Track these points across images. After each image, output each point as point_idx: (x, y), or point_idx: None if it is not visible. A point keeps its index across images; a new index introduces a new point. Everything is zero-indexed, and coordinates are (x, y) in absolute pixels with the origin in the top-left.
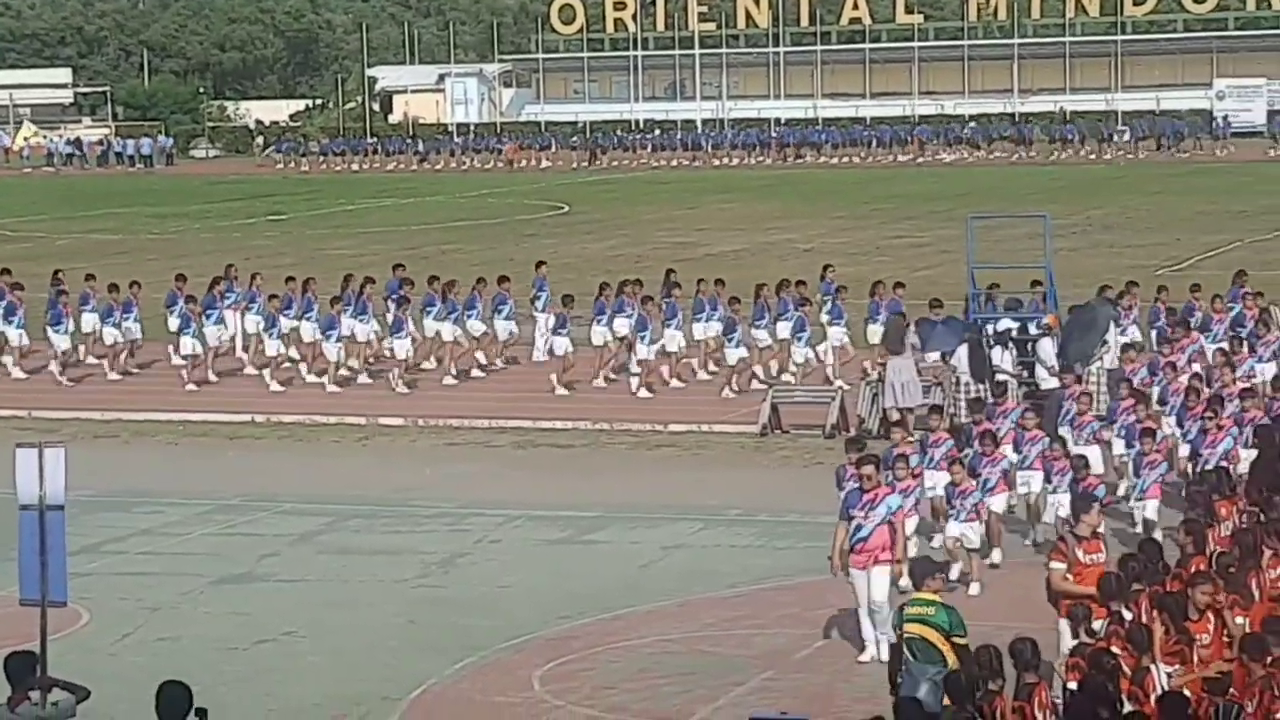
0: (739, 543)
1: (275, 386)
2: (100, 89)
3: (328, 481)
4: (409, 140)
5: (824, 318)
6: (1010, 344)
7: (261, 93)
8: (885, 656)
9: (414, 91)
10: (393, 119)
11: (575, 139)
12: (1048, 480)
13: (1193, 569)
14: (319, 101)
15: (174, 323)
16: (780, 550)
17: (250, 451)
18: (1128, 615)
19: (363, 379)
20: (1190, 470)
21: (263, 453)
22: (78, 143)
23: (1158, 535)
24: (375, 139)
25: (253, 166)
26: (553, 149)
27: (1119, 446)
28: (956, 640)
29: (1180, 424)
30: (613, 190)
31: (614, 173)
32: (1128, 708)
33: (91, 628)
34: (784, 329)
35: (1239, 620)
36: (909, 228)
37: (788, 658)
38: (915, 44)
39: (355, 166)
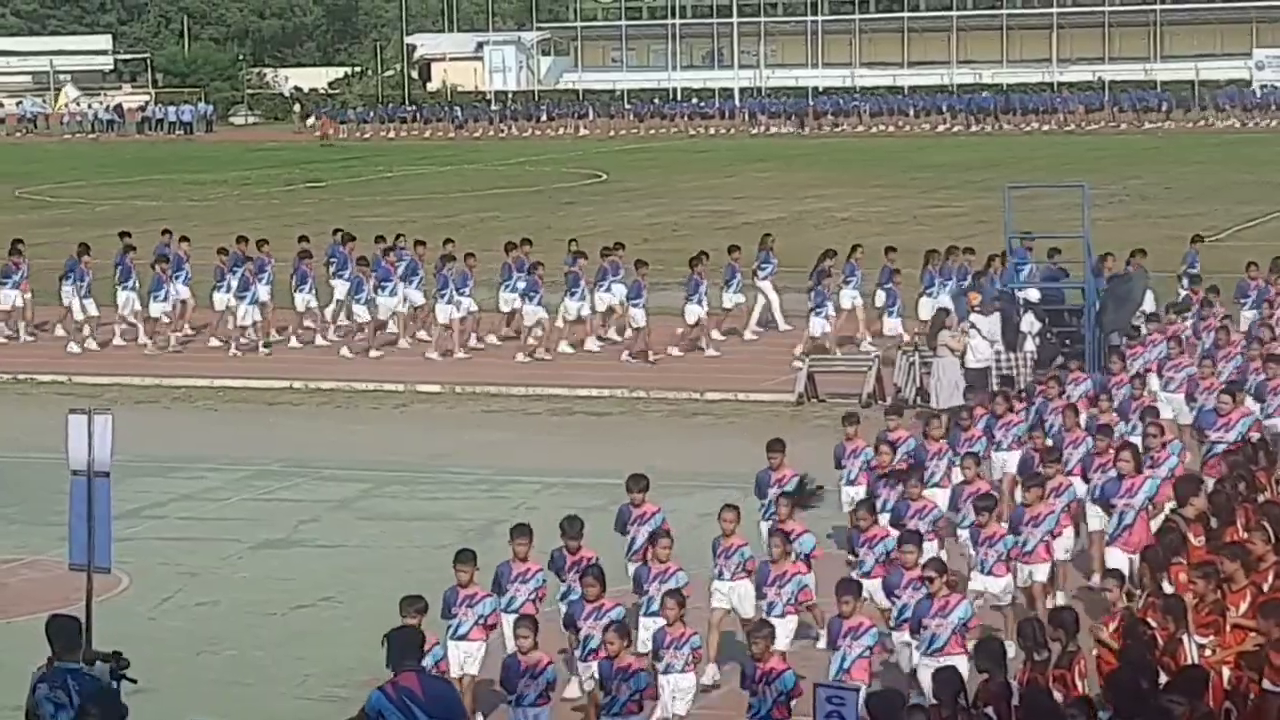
0: None
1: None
2: (140, 56)
3: (366, 447)
4: (447, 108)
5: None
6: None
7: (300, 60)
8: None
9: (452, 59)
10: (431, 87)
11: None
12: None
13: (1224, 540)
14: (358, 69)
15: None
16: (808, 519)
17: (289, 417)
18: (1168, 588)
19: (403, 344)
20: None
21: (302, 419)
22: (119, 109)
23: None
24: (414, 106)
25: (291, 134)
26: (590, 117)
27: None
28: None
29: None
30: (651, 158)
31: (652, 141)
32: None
33: (131, 592)
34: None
35: None
36: (946, 196)
37: (810, 627)
38: (954, 13)
39: (392, 134)
